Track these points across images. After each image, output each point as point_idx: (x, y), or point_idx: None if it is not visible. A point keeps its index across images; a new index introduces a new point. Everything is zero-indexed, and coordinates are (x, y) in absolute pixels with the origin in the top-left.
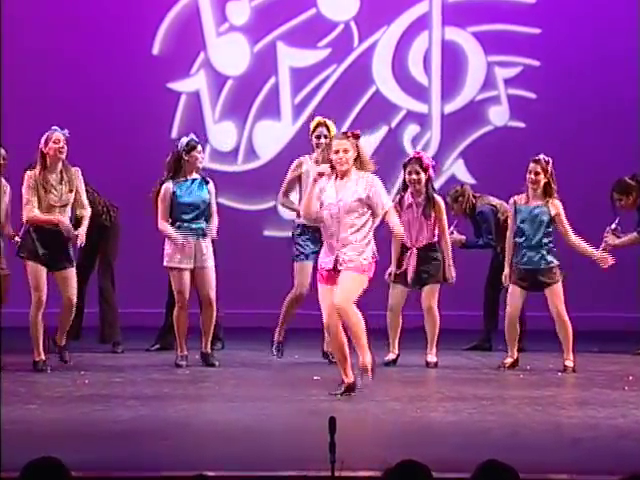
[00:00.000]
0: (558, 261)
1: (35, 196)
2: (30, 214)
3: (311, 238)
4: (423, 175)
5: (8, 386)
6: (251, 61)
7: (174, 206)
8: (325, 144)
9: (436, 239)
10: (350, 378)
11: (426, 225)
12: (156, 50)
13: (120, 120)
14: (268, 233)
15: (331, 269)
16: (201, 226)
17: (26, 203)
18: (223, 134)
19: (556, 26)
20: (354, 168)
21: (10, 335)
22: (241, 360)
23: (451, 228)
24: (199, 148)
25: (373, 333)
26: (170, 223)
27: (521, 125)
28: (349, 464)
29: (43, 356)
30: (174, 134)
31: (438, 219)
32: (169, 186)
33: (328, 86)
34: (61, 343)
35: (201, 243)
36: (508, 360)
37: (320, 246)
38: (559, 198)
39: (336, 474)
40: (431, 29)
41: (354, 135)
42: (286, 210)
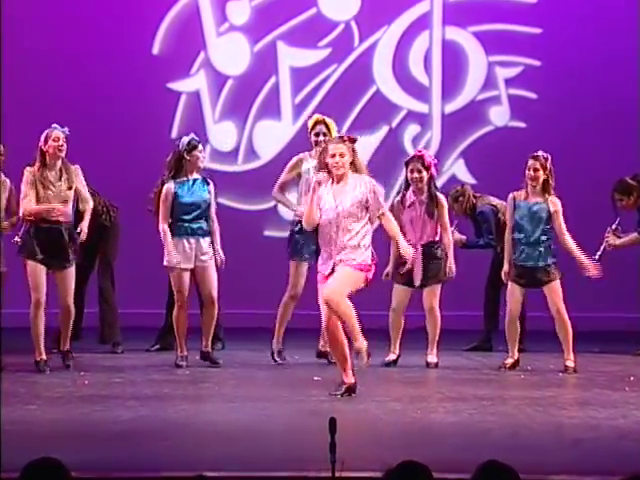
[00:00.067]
0: (556, 259)
1: (33, 190)
2: (27, 206)
3: (310, 237)
4: (425, 173)
5: (8, 387)
6: (251, 61)
7: (175, 206)
8: (324, 141)
9: (438, 237)
10: (351, 379)
11: (429, 223)
12: (156, 50)
13: (120, 120)
14: (268, 233)
15: (330, 273)
16: (201, 226)
17: (23, 197)
18: (223, 134)
19: (557, 26)
20: (350, 172)
21: (10, 335)
22: (241, 360)
23: (452, 228)
24: (200, 147)
25: (373, 333)
26: (170, 222)
27: (522, 125)
28: (349, 464)
29: (44, 356)
30: (174, 134)
31: (440, 217)
32: (171, 186)
33: (328, 86)
34: (64, 348)
35: (201, 242)
36: (509, 360)
37: (316, 245)
38: (557, 195)
39: (336, 474)
40: (432, 29)
41: (350, 139)
42: (283, 207)
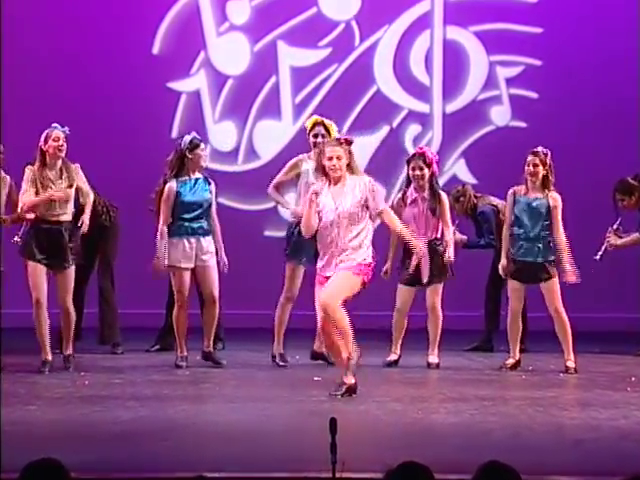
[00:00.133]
0: (554, 256)
1: (33, 187)
2: (25, 199)
3: (309, 241)
4: (427, 171)
5: (8, 387)
6: (251, 60)
7: (177, 205)
8: (323, 143)
9: (440, 234)
10: (351, 379)
11: (432, 220)
12: (156, 49)
13: (120, 120)
14: (269, 233)
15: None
16: (202, 225)
17: (23, 193)
18: (223, 134)
19: (558, 25)
20: (347, 174)
21: (10, 336)
22: (241, 361)
23: (452, 228)
24: (202, 146)
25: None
26: (171, 222)
27: (523, 125)
28: (350, 465)
29: (50, 356)
30: (174, 134)
31: (442, 214)
32: (173, 185)
33: (329, 86)
34: (66, 352)
35: (202, 242)
36: (510, 361)
37: (315, 250)
38: (557, 191)
39: (337, 475)
40: (432, 28)
41: (347, 141)
42: (283, 208)
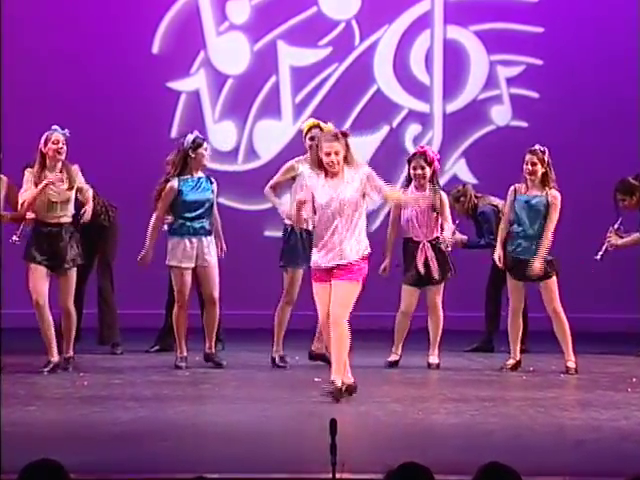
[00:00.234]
0: (552, 256)
1: (33, 186)
2: (23, 196)
3: (301, 242)
4: (428, 170)
5: (8, 388)
6: (251, 60)
7: (178, 204)
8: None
9: (439, 232)
10: (350, 379)
11: (434, 218)
12: (156, 49)
13: (120, 119)
14: (268, 233)
15: (332, 268)
16: (204, 225)
17: (23, 192)
18: (223, 134)
19: (559, 25)
20: (344, 166)
21: (10, 336)
22: (241, 361)
23: (452, 228)
24: (205, 145)
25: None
26: (173, 221)
27: (523, 125)
28: (350, 466)
29: (56, 358)
30: (174, 133)
31: (442, 212)
32: (174, 184)
33: (329, 85)
34: (67, 354)
35: (204, 242)
36: (510, 361)
37: (309, 250)
38: (557, 188)
39: (337, 476)
40: (433, 28)
41: (343, 134)
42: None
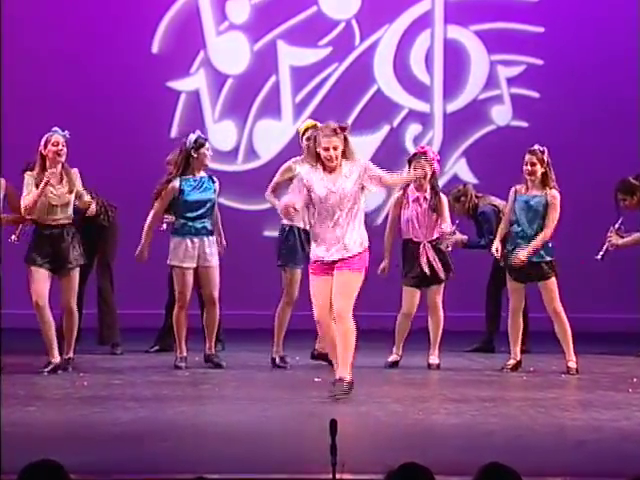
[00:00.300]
0: (552, 256)
1: (34, 190)
2: (25, 200)
3: (299, 242)
4: (428, 170)
5: (7, 388)
6: (251, 60)
7: (180, 203)
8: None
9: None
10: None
11: (434, 219)
12: (155, 49)
13: (119, 119)
14: (268, 233)
15: (334, 262)
16: (205, 225)
17: (26, 194)
18: (223, 133)
19: (560, 25)
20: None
21: (10, 336)
22: (241, 362)
23: (453, 228)
24: (207, 145)
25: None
26: (175, 221)
27: (524, 124)
28: (350, 467)
29: (57, 359)
30: (174, 133)
31: (441, 213)
32: (175, 184)
33: (329, 85)
34: (67, 355)
35: (205, 242)
36: (511, 362)
37: (308, 249)
38: (557, 188)
39: (337, 477)
40: (433, 27)
41: (342, 129)
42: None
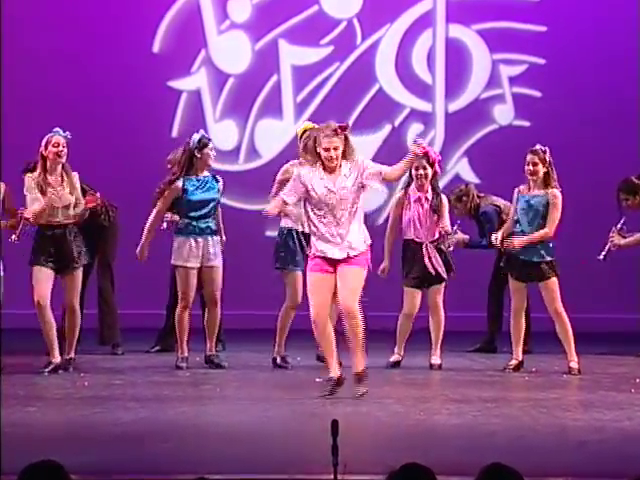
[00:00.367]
0: (552, 257)
1: (38, 194)
2: (36, 209)
3: (298, 243)
4: (430, 170)
5: (8, 388)
6: (252, 59)
7: (184, 203)
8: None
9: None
10: (337, 373)
11: (434, 220)
12: (156, 48)
13: (120, 119)
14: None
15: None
16: (209, 225)
17: (32, 200)
18: (224, 133)
19: (562, 24)
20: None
21: (10, 336)
22: (242, 362)
23: (454, 227)
24: (211, 145)
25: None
26: (179, 221)
27: (526, 124)
28: (352, 467)
29: (57, 359)
30: (174, 133)
31: (441, 214)
32: (178, 184)
33: (331, 84)
34: (68, 355)
35: (209, 242)
36: (513, 362)
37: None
38: (559, 188)
39: (339, 477)
40: (435, 27)
41: (342, 129)
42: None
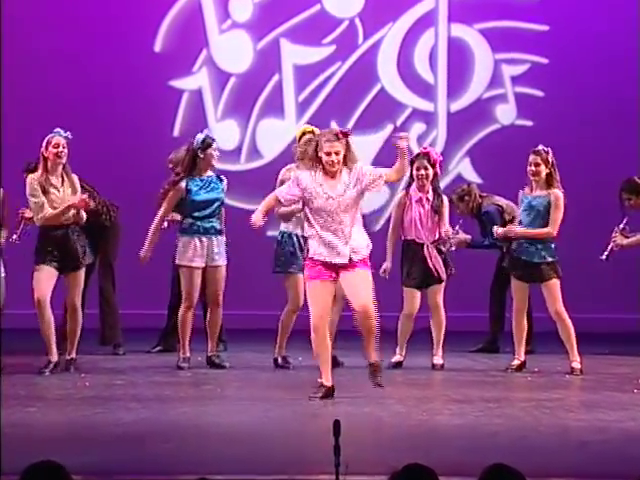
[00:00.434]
0: (554, 258)
1: (42, 195)
2: (45, 213)
3: (298, 246)
4: (431, 171)
5: (8, 389)
6: (254, 58)
7: (187, 203)
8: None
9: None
10: (330, 382)
11: (435, 220)
12: (158, 47)
13: (122, 118)
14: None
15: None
16: (214, 225)
17: (40, 206)
18: (226, 132)
19: (564, 23)
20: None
21: (10, 337)
22: (244, 362)
23: (456, 227)
24: (215, 145)
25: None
26: (183, 221)
27: (528, 123)
28: (354, 467)
29: (55, 357)
30: (176, 132)
31: (442, 216)
32: (182, 185)
33: (332, 84)
34: (69, 355)
35: (214, 242)
36: (515, 362)
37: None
38: (561, 188)
39: (340, 478)
40: (437, 26)
41: (344, 134)
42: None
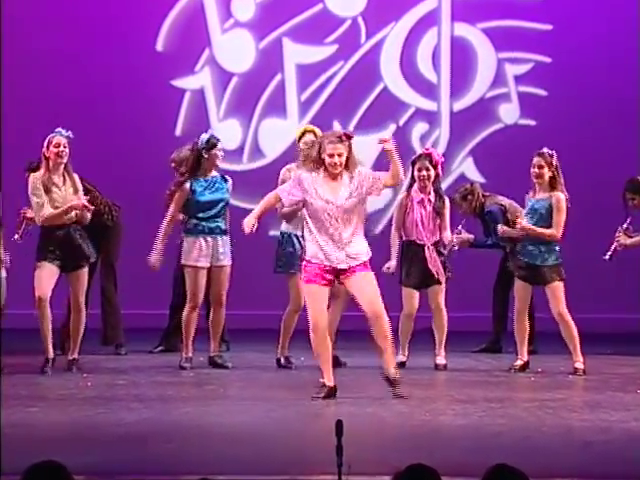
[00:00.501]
0: (557, 260)
1: (44, 195)
2: (46, 213)
3: (300, 248)
4: (433, 172)
5: (9, 388)
6: (256, 58)
7: (192, 204)
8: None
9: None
10: (332, 382)
11: (436, 222)
12: (160, 47)
13: (123, 118)
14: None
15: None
16: (219, 225)
17: (41, 205)
18: (228, 132)
19: (567, 22)
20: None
21: (10, 337)
22: (246, 362)
23: (459, 227)
24: (219, 146)
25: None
26: (187, 221)
27: (532, 123)
28: (356, 468)
29: (52, 354)
30: (178, 132)
31: (444, 217)
32: (186, 186)
33: (335, 83)
34: (71, 355)
35: (219, 242)
36: (518, 362)
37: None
38: (565, 192)
39: (343, 478)
40: (440, 25)
41: (347, 137)
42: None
